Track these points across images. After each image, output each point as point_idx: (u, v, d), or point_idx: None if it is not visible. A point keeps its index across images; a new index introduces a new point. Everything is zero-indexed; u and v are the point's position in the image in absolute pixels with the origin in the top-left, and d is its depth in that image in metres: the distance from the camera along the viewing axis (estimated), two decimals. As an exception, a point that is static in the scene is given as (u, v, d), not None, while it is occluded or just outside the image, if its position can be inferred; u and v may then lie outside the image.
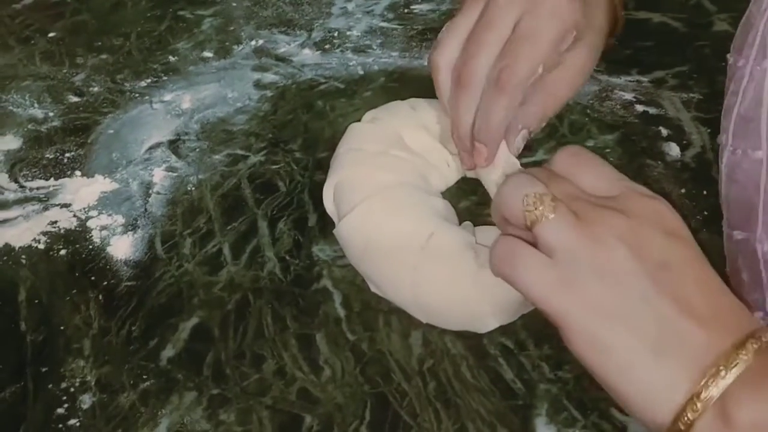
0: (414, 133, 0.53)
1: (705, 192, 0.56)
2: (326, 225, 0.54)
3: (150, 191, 0.58)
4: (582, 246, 0.37)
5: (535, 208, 0.38)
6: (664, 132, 0.61)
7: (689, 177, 0.58)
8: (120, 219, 0.56)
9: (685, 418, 0.34)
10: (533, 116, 0.49)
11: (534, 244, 0.38)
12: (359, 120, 0.57)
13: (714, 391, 0.33)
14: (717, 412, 0.33)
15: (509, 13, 0.47)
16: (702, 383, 0.33)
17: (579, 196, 0.39)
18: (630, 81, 0.65)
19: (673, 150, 0.60)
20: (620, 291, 0.36)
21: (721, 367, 0.33)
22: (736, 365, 0.33)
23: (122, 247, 0.54)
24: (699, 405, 0.33)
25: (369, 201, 0.49)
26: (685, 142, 0.60)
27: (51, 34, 0.72)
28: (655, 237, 0.37)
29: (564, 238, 0.37)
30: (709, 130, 0.61)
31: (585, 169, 0.40)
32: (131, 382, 0.47)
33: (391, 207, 0.49)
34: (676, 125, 0.62)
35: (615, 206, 0.38)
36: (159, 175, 0.59)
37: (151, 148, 0.61)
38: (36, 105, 0.65)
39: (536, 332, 0.48)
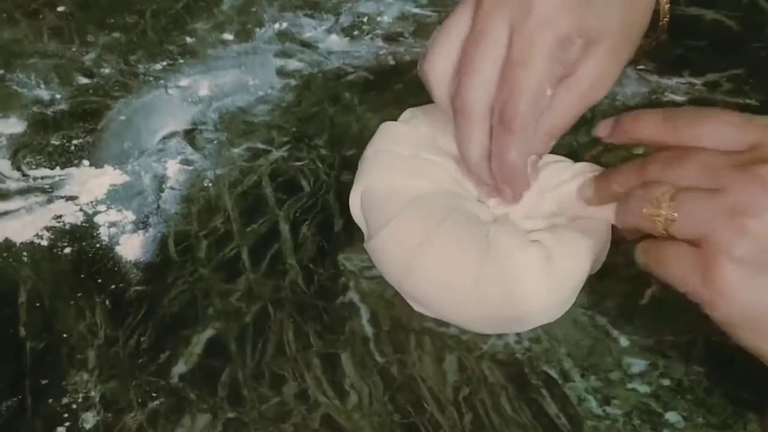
0: (449, 138, 0.49)
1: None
2: (353, 231, 0.50)
3: (163, 186, 0.53)
4: (722, 228, 0.35)
5: (657, 216, 0.37)
6: (719, 141, 0.57)
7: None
8: (130, 215, 0.52)
9: None
10: (540, 141, 0.44)
11: None
12: (390, 115, 0.53)
13: None
14: None
15: (497, 27, 0.42)
16: None
17: (716, 167, 0.36)
18: (682, 83, 0.61)
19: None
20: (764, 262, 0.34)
21: None
22: None
23: (132, 247, 0.50)
24: None
25: (406, 213, 0.45)
26: (741, 153, 0.56)
27: (60, 8, 0.67)
28: None
29: (700, 228, 0.36)
30: (767, 141, 0.57)
31: (707, 123, 0.38)
32: (139, 400, 0.43)
33: (432, 218, 0.44)
34: (732, 134, 0.57)
35: (762, 156, 0.35)
36: (173, 168, 0.54)
37: (165, 137, 0.57)
38: (42, 85, 0.60)
39: (582, 361, 0.44)
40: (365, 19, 0.66)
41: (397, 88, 0.61)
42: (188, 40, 0.64)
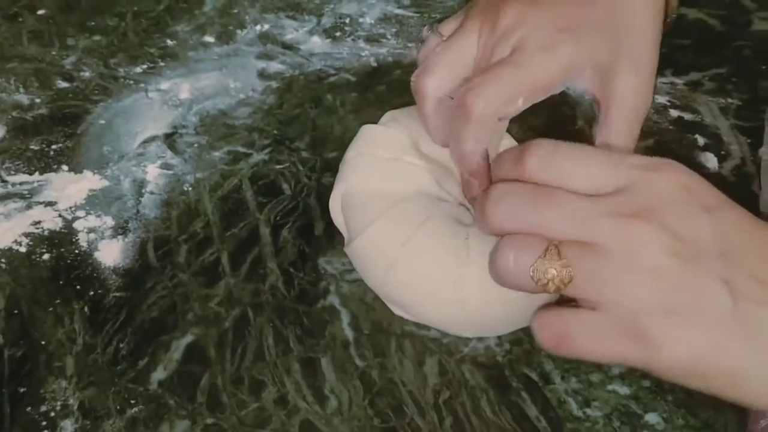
0: (431, 141, 0.48)
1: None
2: (334, 234, 0.50)
3: (143, 190, 0.53)
4: (625, 287, 0.33)
5: (548, 280, 0.33)
6: (701, 141, 0.57)
7: (727, 192, 0.53)
8: (109, 221, 0.51)
9: None
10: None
11: None
12: (372, 117, 0.53)
13: None
14: None
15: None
16: None
17: (586, 217, 0.33)
18: (664, 83, 0.61)
19: (711, 161, 0.55)
20: (696, 312, 0.32)
21: None
22: None
23: (111, 253, 0.49)
24: None
25: (386, 216, 0.44)
26: (723, 152, 0.56)
27: (40, 12, 0.67)
28: (697, 225, 0.33)
29: (600, 290, 0.33)
30: (749, 140, 0.57)
31: (572, 167, 0.35)
32: (118, 407, 0.42)
33: (412, 222, 0.44)
34: (714, 133, 0.57)
35: (633, 207, 0.33)
36: (153, 173, 0.54)
37: (145, 141, 0.56)
38: (22, 90, 0.60)
39: (562, 363, 0.44)
40: (347, 21, 0.66)
41: (380, 89, 0.60)
42: (169, 42, 0.64)
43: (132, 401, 0.43)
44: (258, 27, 0.65)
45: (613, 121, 0.43)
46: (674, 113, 0.58)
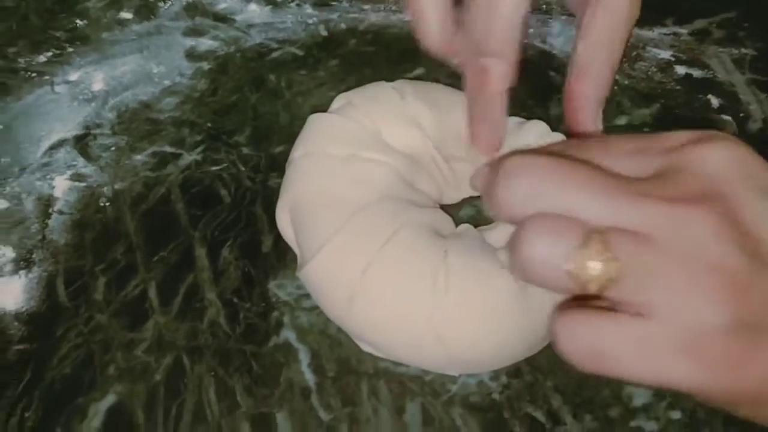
0: (397, 129, 0.39)
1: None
2: (287, 250, 0.41)
3: (50, 210, 0.44)
4: (688, 291, 0.25)
5: (591, 277, 0.25)
6: (715, 102, 0.48)
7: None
8: (9, 252, 0.42)
9: None
10: (599, 85, 0.34)
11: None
12: (324, 99, 0.44)
13: None
14: None
15: None
16: None
17: (629, 197, 0.26)
18: (666, 34, 0.52)
19: (729, 125, 0.47)
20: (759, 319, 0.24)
21: None
22: None
23: (13, 294, 0.40)
24: None
25: (343, 233, 0.35)
26: (742, 114, 0.47)
27: (-77, -5, 0.56)
28: (758, 206, 0.25)
29: (656, 293, 0.25)
30: (771, 97, 0.48)
31: (596, 155, 0.28)
32: (23, 498, 0.34)
33: (376, 237, 0.35)
34: (729, 92, 0.49)
35: (685, 190, 0.26)
36: (62, 187, 0.45)
37: (51, 148, 0.47)
38: None
39: (573, 396, 0.36)
40: (290, -18, 0.56)
41: (332, 64, 0.51)
42: (78, 22, 0.54)
43: (41, 489, 0.34)
44: (184, -4, 0.55)
45: (598, 29, 0.34)
46: (681, 70, 0.50)
